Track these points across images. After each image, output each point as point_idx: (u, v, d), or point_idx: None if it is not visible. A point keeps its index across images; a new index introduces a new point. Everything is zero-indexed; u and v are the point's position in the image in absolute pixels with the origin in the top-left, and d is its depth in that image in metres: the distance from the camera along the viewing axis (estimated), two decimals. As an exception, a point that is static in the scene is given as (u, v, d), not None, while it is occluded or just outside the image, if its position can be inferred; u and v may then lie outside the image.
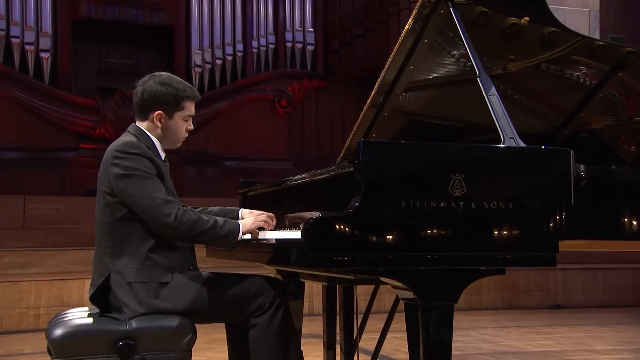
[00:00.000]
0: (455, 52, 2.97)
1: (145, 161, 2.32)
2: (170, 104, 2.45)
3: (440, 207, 2.07)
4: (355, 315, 3.23)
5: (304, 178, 2.62)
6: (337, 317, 3.31)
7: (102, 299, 2.35)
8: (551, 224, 2.16)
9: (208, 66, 10.93)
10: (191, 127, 2.56)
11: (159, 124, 2.46)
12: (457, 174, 2.09)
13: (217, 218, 2.37)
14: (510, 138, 2.29)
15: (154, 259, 2.34)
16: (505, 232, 2.13)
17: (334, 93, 11.60)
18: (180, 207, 2.31)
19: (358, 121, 3.22)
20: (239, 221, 2.44)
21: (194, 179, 10.28)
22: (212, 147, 10.78)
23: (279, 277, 3.05)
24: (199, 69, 10.86)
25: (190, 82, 10.78)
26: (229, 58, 11.07)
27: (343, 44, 11.44)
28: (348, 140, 3.30)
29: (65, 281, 5.97)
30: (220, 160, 10.83)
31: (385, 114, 3.16)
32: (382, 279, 2.17)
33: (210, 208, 2.74)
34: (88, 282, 6.03)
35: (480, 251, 2.11)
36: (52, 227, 7.75)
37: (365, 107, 3.14)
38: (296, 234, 2.20)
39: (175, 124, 2.48)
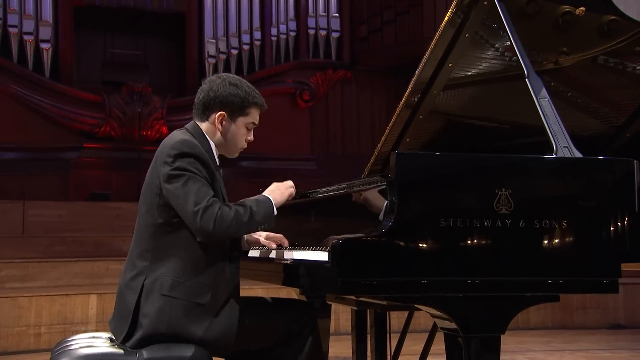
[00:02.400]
0: (500, 45, 2.95)
1: (197, 163, 2.35)
2: (235, 106, 2.50)
3: (484, 226, 2.07)
4: (388, 336, 3.22)
5: (331, 191, 2.60)
6: (368, 337, 3.29)
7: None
8: (612, 245, 2.12)
9: (223, 56, 10.96)
10: (252, 137, 2.60)
11: (219, 127, 2.49)
12: (503, 189, 2.08)
13: (250, 203, 2.40)
14: (564, 147, 2.26)
15: (195, 274, 2.34)
16: (558, 254, 2.11)
17: (361, 85, 11.56)
18: (219, 209, 2.30)
19: (390, 124, 3.20)
20: (266, 195, 2.50)
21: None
22: (227, 146, 10.82)
23: (302, 297, 3.05)
24: (212, 60, 10.90)
25: (204, 74, 10.92)
26: (246, 47, 11.10)
27: (372, 30, 11.39)
28: (379, 145, 3.29)
29: (68, 296, 6.01)
30: (236, 160, 10.79)
31: (421, 117, 3.13)
32: (417, 306, 2.15)
33: None
34: (93, 297, 6.15)
35: (529, 275, 2.10)
36: (54, 236, 7.82)
37: (398, 108, 3.12)
38: (322, 255, 2.20)
39: (237, 130, 2.52)
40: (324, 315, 3.09)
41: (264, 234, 2.61)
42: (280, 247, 2.57)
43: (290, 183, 2.60)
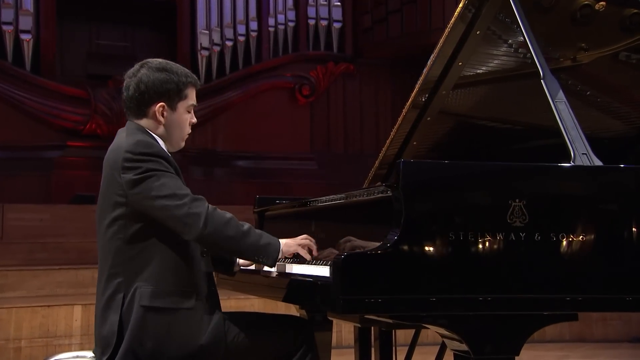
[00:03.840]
0: (513, 40, 2.95)
1: (163, 161, 2.32)
2: (172, 92, 2.44)
3: (497, 239, 2.07)
4: (393, 349, 3.23)
5: (333, 200, 2.62)
6: (372, 350, 3.31)
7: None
8: (635, 260, 2.12)
9: (217, 49, 10.95)
10: (194, 120, 2.56)
11: (161, 119, 2.44)
12: (517, 200, 2.08)
13: (255, 229, 2.37)
14: (583, 154, 2.26)
15: (172, 281, 2.34)
16: (576, 270, 2.11)
17: (365, 79, 11.55)
18: (209, 205, 2.30)
19: (397, 125, 3.21)
20: (276, 238, 2.43)
21: (200, 181, 10.31)
22: (221, 144, 10.82)
23: (302, 311, 3.06)
24: (206, 53, 10.89)
25: (196, 67, 10.91)
26: (241, 39, 11.08)
27: (376, 20, 11.38)
28: (384, 148, 3.29)
29: (50, 307, 6.00)
30: (231, 159, 10.86)
31: (429, 119, 3.14)
32: (426, 326, 2.15)
33: None
34: (78, 309, 6.14)
35: (545, 293, 2.10)
36: (35, 242, 7.82)
37: (405, 110, 3.13)
38: (323, 270, 2.20)
39: (180, 117, 2.48)
40: (325, 328, 3.09)
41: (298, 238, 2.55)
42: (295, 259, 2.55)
43: (305, 236, 2.52)
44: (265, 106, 11.01)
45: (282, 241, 2.42)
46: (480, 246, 2.05)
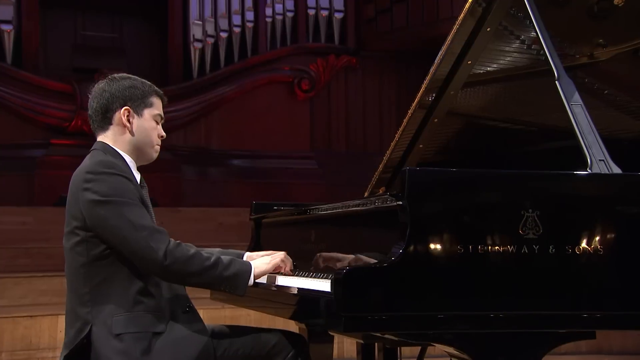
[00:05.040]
0: (526, 36, 2.95)
1: (125, 182, 2.35)
2: (136, 98, 2.52)
3: (509, 252, 2.07)
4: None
5: (335, 209, 2.62)
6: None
7: None
8: (655, 274, 2.12)
9: (210, 40, 10.95)
10: (163, 133, 2.61)
11: (127, 124, 2.50)
12: (529, 210, 2.08)
13: (222, 256, 2.39)
14: (600, 160, 2.26)
15: (144, 303, 2.35)
16: (594, 285, 2.11)
17: (368, 73, 11.55)
18: (172, 240, 2.33)
19: (402, 127, 3.22)
20: (251, 261, 2.46)
21: (193, 182, 10.33)
22: (216, 142, 10.82)
23: (302, 325, 3.06)
24: (199, 45, 10.89)
25: (189, 60, 10.92)
26: (237, 30, 11.09)
27: (380, 10, 11.39)
28: (389, 151, 3.30)
29: (33, 318, 5.99)
30: (226, 158, 10.87)
31: (436, 120, 3.14)
32: (433, 344, 2.15)
33: (208, 249, 2.75)
34: (63, 319, 6.09)
35: (561, 309, 2.10)
36: (17, 247, 7.82)
37: (410, 110, 3.14)
38: (323, 285, 2.20)
39: (146, 123, 2.53)
40: (326, 340, 3.11)
41: (262, 253, 2.59)
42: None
43: (281, 254, 2.57)
44: (262, 102, 11.01)
45: (254, 264, 2.44)
46: (491, 259, 2.05)
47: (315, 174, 10.94)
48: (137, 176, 2.52)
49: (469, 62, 2.95)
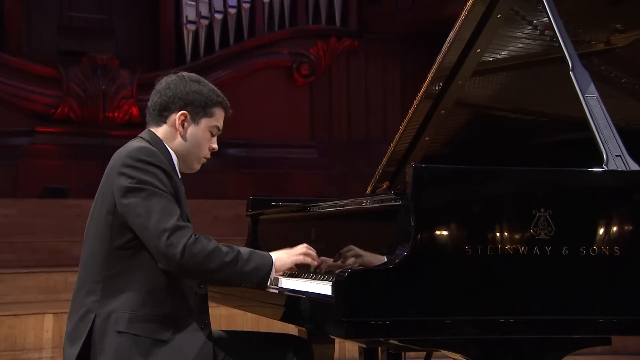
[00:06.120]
0: (539, 22, 2.94)
1: (161, 174, 2.37)
2: (198, 105, 2.55)
3: (520, 254, 2.06)
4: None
5: (336, 206, 2.62)
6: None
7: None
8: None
9: (204, 22, 10.94)
10: (215, 146, 2.66)
11: (180, 129, 2.53)
12: (542, 210, 2.08)
13: (241, 249, 2.40)
14: (617, 156, 2.25)
15: (152, 307, 2.37)
16: (610, 289, 2.10)
17: (371, 57, 11.55)
18: (194, 235, 2.33)
19: (407, 118, 3.21)
20: (269, 253, 2.46)
21: (185, 172, 10.33)
22: (210, 130, 10.82)
23: (302, 327, 3.07)
24: (192, 27, 10.88)
25: (182, 44, 10.91)
26: (232, 11, 11.08)
27: (384, -11, 11.39)
28: (393, 144, 3.30)
29: (18, 317, 5.98)
30: (221, 147, 10.67)
31: (443, 112, 3.14)
32: (441, 350, 2.15)
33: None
34: (49, 318, 6.12)
35: (575, 314, 2.09)
36: (0, 241, 7.83)
37: (416, 101, 3.14)
38: (324, 287, 2.20)
39: (200, 133, 2.56)
40: (327, 340, 3.11)
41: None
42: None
43: (303, 247, 2.55)
44: (259, 87, 11.01)
45: (275, 256, 2.45)
46: (501, 261, 2.04)
47: (316, 163, 10.95)
48: (178, 171, 2.55)
49: (478, 50, 2.94)
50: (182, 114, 2.52)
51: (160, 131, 2.53)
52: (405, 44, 11.40)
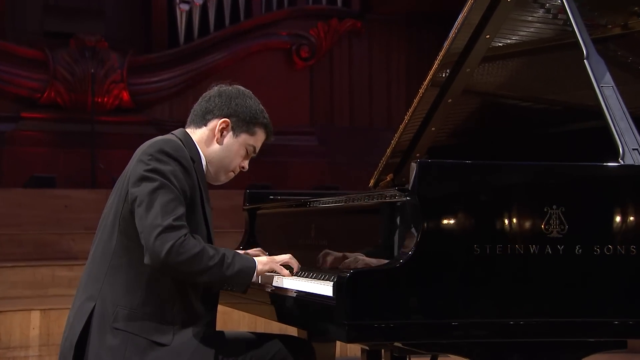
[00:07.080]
0: (552, 5, 2.94)
1: (178, 168, 2.44)
2: (243, 117, 2.63)
3: (531, 253, 2.07)
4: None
5: (337, 202, 2.62)
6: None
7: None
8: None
9: (199, 2, 10.91)
10: (245, 165, 2.73)
11: (218, 135, 2.61)
12: (554, 207, 2.08)
13: (226, 251, 2.44)
14: (634, 150, 2.26)
15: (157, 305, 2.41)
16: (626, 290, 2.11)
17: (374, 39, 11.52)
18: (184, 236, 2.35)
19: (412, 107, 3.21)
20: (255, 258, 2.52)
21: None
22: (204, 116, 10.82)
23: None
24: (185, 7, 10.85)
25: (174, 25, 10.87)
26: (228, -10, 11.06)
27: (388, -34, 11.37)
28: (397, 134, 3.30)
29: (3, 313, 6.00)
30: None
31: (450, 101, 3.14)
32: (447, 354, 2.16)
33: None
34: (36, 314, 6.12)
35: (589, 316, 2.10)
36: (-17, 233, 7.84)
37: (422, 89, 3.13)
38: (324, 288, 2.20)
39: (236, 146, 2.64)
40: (328, 339, 3.11)
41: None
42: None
43: (286, 257, 2.61)
44: (256, 71, 10.98)
45: (259, 259, 2.51)
46: (511, 261, 2.05)
47: (316, 151, 10.94)
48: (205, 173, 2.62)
49: (487, 36, 2.94)
50: (224, 121, 2.60)
51: (198, 133, 2.62)
52: (411, 25, 11.37)
